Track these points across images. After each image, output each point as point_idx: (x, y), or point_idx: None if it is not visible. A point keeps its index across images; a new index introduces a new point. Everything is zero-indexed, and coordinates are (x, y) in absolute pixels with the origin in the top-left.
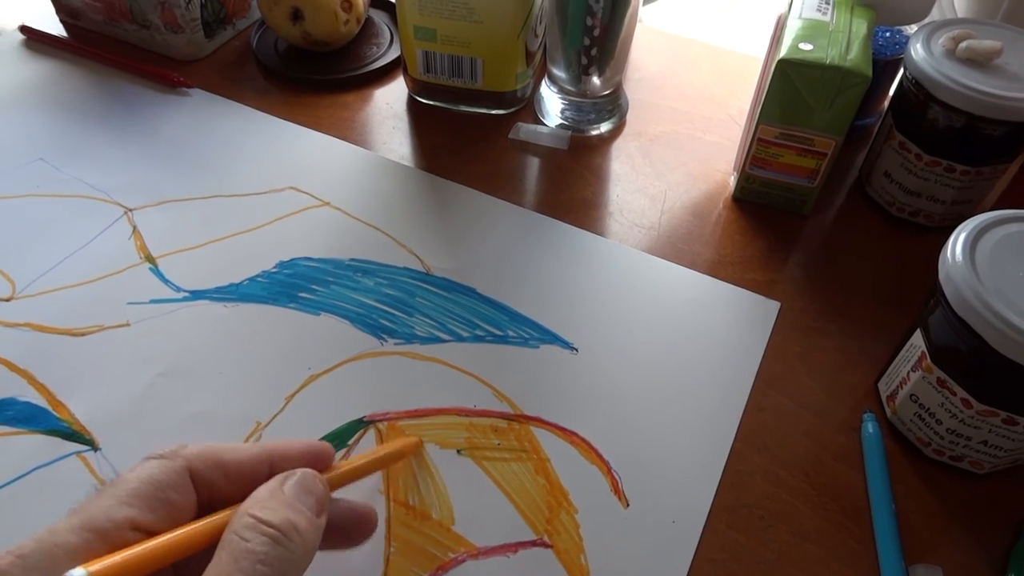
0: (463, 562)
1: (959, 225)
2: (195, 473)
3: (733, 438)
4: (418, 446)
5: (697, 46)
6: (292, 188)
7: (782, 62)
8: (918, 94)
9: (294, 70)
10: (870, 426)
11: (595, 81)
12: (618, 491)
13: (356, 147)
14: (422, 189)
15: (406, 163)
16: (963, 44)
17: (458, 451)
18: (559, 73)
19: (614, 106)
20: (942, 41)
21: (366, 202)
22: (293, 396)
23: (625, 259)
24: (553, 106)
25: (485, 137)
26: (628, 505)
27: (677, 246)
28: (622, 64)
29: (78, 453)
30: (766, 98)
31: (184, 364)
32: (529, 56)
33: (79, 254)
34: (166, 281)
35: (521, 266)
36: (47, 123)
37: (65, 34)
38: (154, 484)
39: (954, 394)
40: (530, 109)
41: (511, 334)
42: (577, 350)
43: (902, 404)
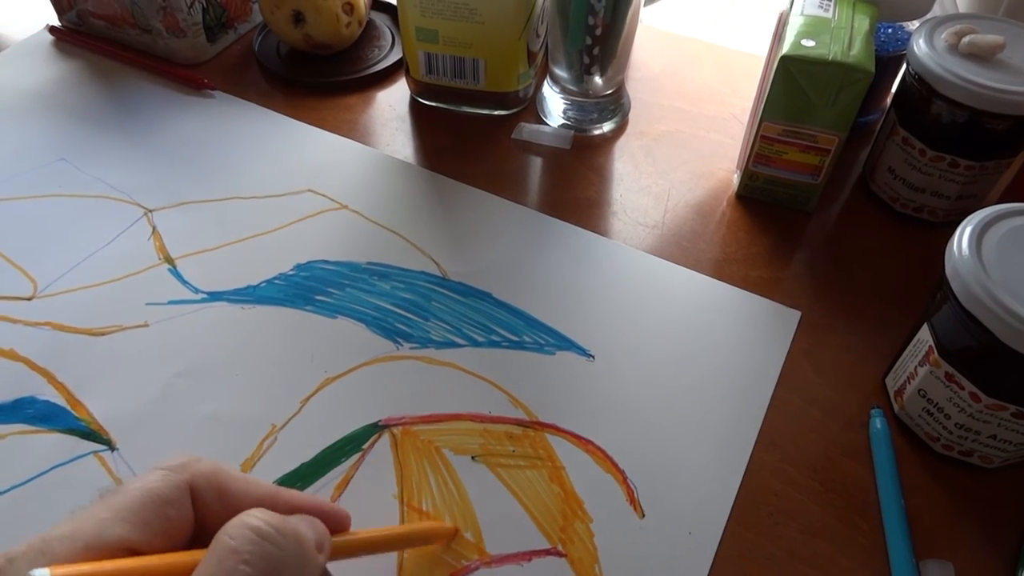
0: (476, 570)
1: (964, 220)
2: (195, 491)
3: (752, 450)
4: (452, 534)
5: (699, 45)
6: (310, 191)
7: (785, 59)
8: (921, 89)
9: (296, 73)
10: (878, 422)
11: (597, 81)
12: (634, 501)
13: (372, 149)
14: (435, 191)
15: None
16: (966, 39)
17: (472, 457)
18: (561, 73)
19: (616, 105)
20: (945, 36)
21: (383, 205)
22: (308, 399)
23: (641, 264)
24: (555, 106)
25: (488, 138)
26: (644, 515)
27: (681, 244)
28: (624, 63)
29: (95, 452)
30: (769, 95)
31: (201, 365)
32: (531, 56)
33: (99, 254)
34: (184, 282)
35: (535, 270)
36: (69, 124)
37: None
38: (154, 498)
39: (962, 388)
40: (532, 109)
41: (527, 340)
42: (594, 357)
43: (910, 399)
